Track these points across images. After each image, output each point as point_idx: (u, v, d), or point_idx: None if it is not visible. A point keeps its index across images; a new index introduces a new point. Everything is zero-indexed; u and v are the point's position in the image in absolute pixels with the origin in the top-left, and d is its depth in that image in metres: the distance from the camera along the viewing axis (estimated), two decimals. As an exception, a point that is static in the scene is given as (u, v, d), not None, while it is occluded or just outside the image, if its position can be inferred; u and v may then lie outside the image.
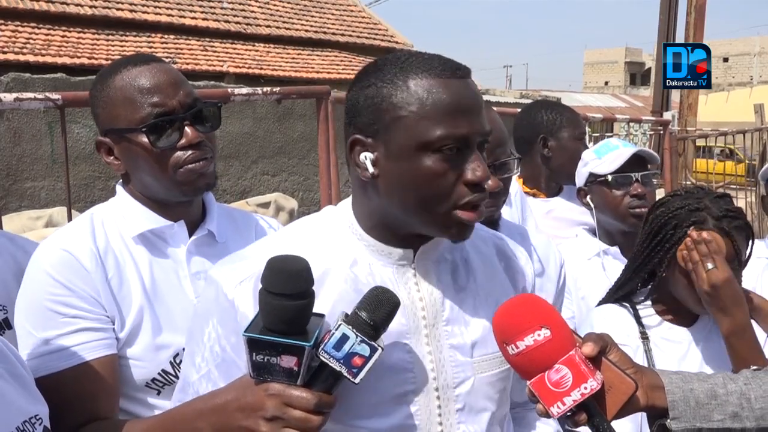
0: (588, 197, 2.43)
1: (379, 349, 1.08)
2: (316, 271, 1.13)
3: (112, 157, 1.53)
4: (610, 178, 2.33)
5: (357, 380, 1.08)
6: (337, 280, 1.20)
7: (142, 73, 1.47)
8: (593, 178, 2.39)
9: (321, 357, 1.08)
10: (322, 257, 1.19)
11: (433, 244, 1.24)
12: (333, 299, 1.18)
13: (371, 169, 1.15)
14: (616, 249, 2.37)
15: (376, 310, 1.09)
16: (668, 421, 1.21)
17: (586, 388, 1.09)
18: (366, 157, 1.16)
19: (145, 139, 1.45)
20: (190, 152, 1.47)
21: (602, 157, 2.36)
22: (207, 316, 1.22)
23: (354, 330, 1.07)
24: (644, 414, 1.26)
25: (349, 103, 1.19)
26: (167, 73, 1.49)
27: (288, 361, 1.07)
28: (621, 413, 1.15)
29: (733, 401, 1.23)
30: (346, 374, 1.08)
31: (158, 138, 1.45)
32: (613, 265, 2.30)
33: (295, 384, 1.08)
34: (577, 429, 1.15)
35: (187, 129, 1.47)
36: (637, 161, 2.33)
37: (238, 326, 1.15)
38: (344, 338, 1.07)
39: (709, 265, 1.64)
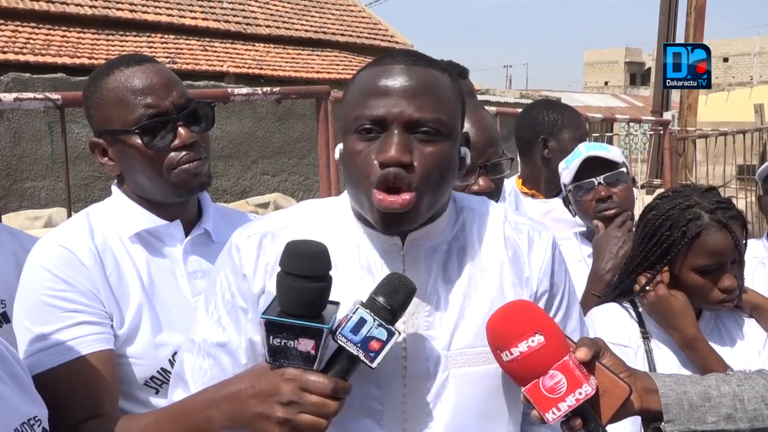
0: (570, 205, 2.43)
1: (396, 333, 1.08)
2: None
3: (106, 158, 1.53)
4: (571, 188, 2.33)
5: (374, 365, 1.08)
6: None
7: (135, 74, 1.47)
8: (566, 188, 2.39)
9: (338, 341, 1.08)
10: (316, 233, 1.21)
11: (423, 232, 1.23)
12: None
13: (336, 156, 1.26)
14: None
15: (393, 295, 1.10)
16: (663, 424, 1.21)
17: (580, 394, 1.09)
18: (338, 147, 1.25)
19: (138, 141, 1.46)
20: (183, 153, 1.48)
21: (569, 166, 2.35)
22: (221, 267, 1.28)
23: (372, 314, 1.08)
24: None
25: None
26: (160, 74, 1.49)
27: (305, 345, 1.07)
28: (616, 417, 1.15)
29: (726, 403, 1.23)
30: (363, 358, 1.08)
31: (152, 139, 1.46)
32: None
33: (311, 369, 1.08)
34: None
35: (181, 130, 1.48)
36: (599, 163, 2.28)
37: (242, 272, 1.24)
38: (362, 322, 1.08)
39: (647, 288, 1.75)
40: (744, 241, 1.76)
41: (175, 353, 1.46)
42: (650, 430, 1.23)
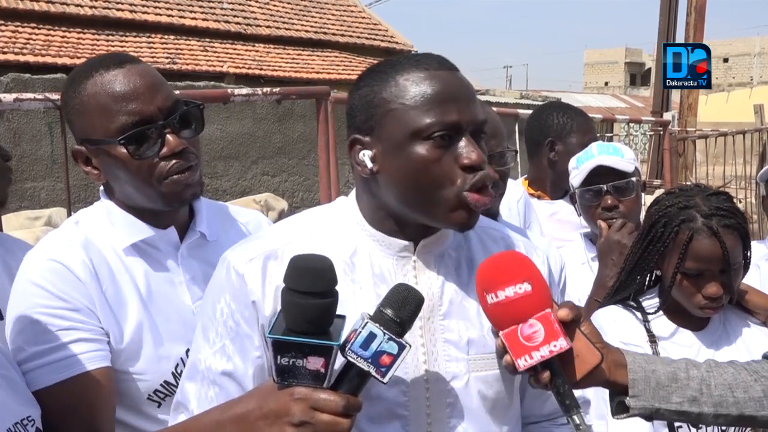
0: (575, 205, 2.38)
1: (408, 346, 1.06)
2: None
3: (89, 167, 1.45)
4: (578, 192, 2.27)
5: (385, 380, 1.05)
6: (335, 268, 1.20)
7: (116, 77, 1.36)
8: (573, 188, 2.33)
9: (348, 357, 1.05)
10: (324, 244, 1.21)
11: (435, 238, 1.25)
12: None
13: (370, 165, 1.19)
14: None
15: (402, 307, 1.08)
16: (627, 398, 1.22)
17: (555, 346, 1.10)
18: (364, 155, 1.20)
19: (123, 151, 1.36)
20: (173, 162, 1.39)
21: (579, 167, 2.28)
22: (219, 293, 1.23)
23: (381, 328, 1.05)
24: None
25: (348, 106, 1.25)
26: (143, 76, 1.38)
27: (315, 363, 1.04)
28: (584, 382, 1.17)
29: (693, 386, 1.24)
30: (374, 374, 1.05)
31: (138, 149, 1.36)
32: None
33: (321, 387, 1.05)
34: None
35: (169, 137, 1.38)
36: (611, 169, 2.20)
37: (248, 300, 1.19)
38: (372, 337, 1.05)
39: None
40: (746, 251, 1.71)
41: (178, 365, 1.44)
42: (614, 404, 1.24)
